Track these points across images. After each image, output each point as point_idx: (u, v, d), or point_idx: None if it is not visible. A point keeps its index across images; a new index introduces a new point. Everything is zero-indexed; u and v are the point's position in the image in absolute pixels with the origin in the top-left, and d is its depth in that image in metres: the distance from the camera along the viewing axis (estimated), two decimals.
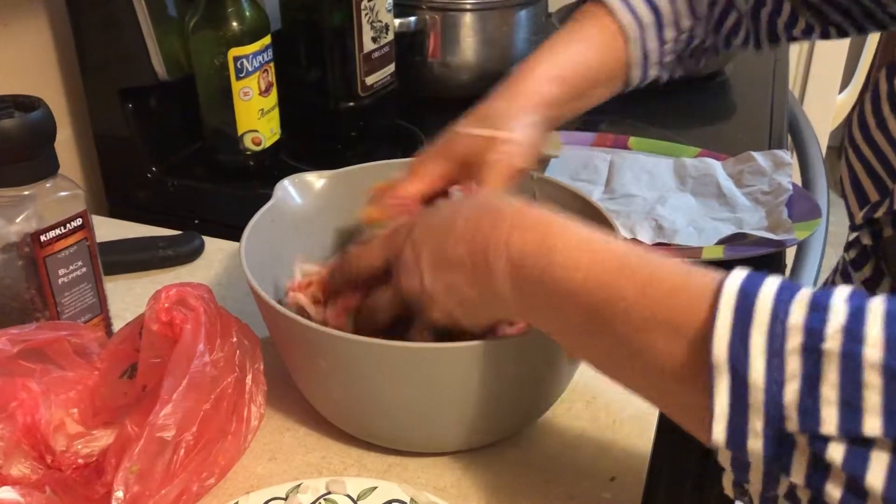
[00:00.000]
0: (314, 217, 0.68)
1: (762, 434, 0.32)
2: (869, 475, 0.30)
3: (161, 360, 0.53)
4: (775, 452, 0.33)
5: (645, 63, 0.67)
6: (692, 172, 0.96)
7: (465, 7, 1.12)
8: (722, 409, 0.33)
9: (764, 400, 0.32)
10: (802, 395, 0.31)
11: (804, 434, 0.31)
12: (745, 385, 0.32)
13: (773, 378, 0.32)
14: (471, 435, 0.56)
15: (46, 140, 0.57)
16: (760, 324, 0.33)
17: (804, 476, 0.32)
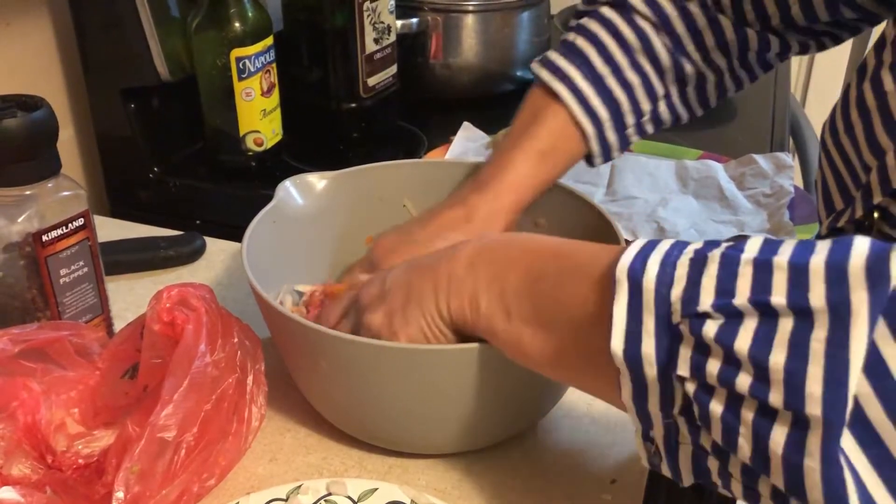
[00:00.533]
0: (316, 218, 0.68)
1: (653, 333, 0.36)
2: (737, 341, 0.33)
3: (162, 361, 0.53)
4: (665, 351, 0.36)
5: (606, 152, 0.67)
6: (694, 175, 0.96)
7: (467, 9, 1.12)
8: (620, 315, 0.37)
9: (654, 299, 0.36)
10: (686, 289, 0.35)
11: (686, 319, 0.35)
12: (639, 290, 0.37)
13: (663, 280, 0.36)
14: (472, 437, 0.56)
15: (49, 140, 0.57)
16: (660, 249, 0.38)
17: (689, 363, 0.35)
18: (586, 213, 0.64)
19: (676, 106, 0.68)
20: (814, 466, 0.32)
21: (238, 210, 0.93)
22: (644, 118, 0.67)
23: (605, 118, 0.65)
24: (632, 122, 0.67)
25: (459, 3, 1.12)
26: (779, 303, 0.33)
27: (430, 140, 1.06)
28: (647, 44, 0.64)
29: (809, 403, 0.31)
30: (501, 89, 1.17)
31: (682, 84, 0.67)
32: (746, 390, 0.33)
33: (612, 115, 0.65)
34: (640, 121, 0.67)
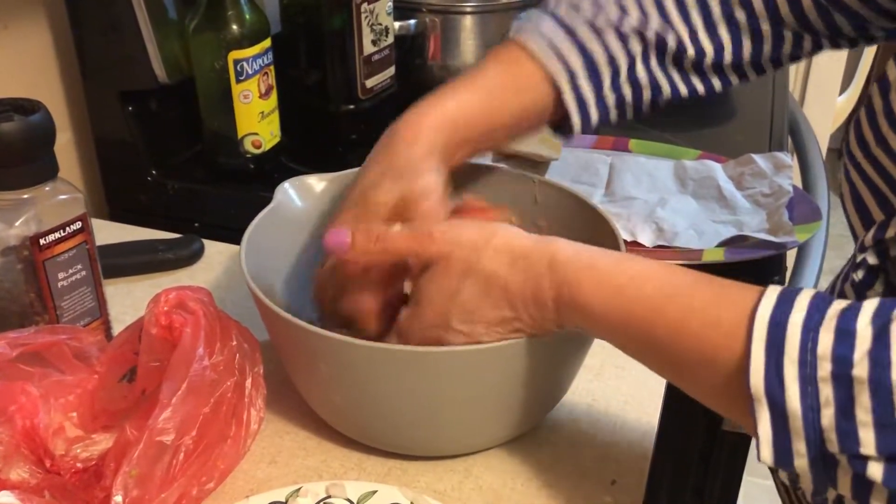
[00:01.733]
0: (315, 220, 0.68)
1: (806, 455, 0.35)
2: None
3: (160, 364, 0.53)
4: (820, 469, 0.35)
5: (584, 110, 0.62)
6: (693, 175, 0.96)
7: (465, 10, 1.11)
8: (765, 435, 0.36)
9: (803, 426, 0.35)
10: (839, 420, 0.34)
11: (845, 456, 0.34)
12: (783, 414, 0.35)
13: (808, 405, 0.35)
14: (471, 439, 0.56)
15: (46, 143, 0.57)
16: (791, 355, 0.35)
17: (850, 490, 0.35)
18: (586, 214, 0.64)
19: (654, 72, 0.63)
20: None
21: (236, 212, 0.93)
22: (621, 77, 0.62)
23: (578, 67, 0.60)
24: (608, 79, 0.61)
25: (457, 5, 1.12)
26: None
27: None
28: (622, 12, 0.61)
29: None
30: None
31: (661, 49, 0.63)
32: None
33: (586, 65, 0.60)
34: (616, 80, 0.62)
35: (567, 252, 0.48)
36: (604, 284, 0.46)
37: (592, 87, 0.61)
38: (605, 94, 0.62)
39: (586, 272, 0.47)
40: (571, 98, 0.61)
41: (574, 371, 0.59)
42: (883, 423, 0.33)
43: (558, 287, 0.47)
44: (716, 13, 0.62)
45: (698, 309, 0.41)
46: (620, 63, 0.62)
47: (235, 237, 0.66)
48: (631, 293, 0.45)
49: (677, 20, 0.62)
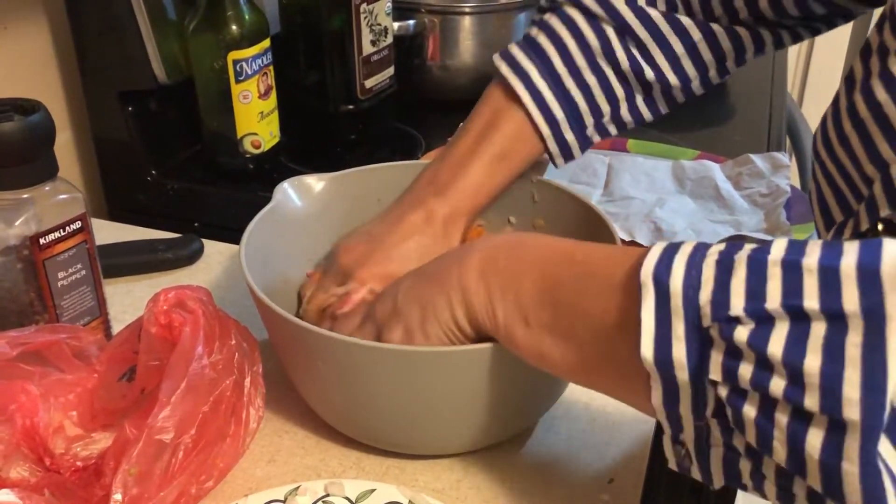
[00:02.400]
0: (314, 219, 0.68)
1: (683, 337, 0.36)
2: (770, 345, 0.34)
3: (160, 363, 0.53)
4: (696, 355, 0.36)
5: (566, 152, 0.67)
6: (690, 175, 0.96)
7: (464, 10, 1.12)
8: (648, 321, 0.37)
9: (682, 303, 0.36)
10: (714, 294, 0.35)
11: (716, 323, 0.35)
12: (666, 294, 0.37)
13: (690, 284, 0.36)
14: (469, 437, 0.56)
15: (46, 143, 0.57)
16: (683, 251, 0.38)
17: (721, 367, 0.35)
18: (584, 214, 0.64)
19: (640, 108, 0.67)
20: (852, 471, 0.32)
21: (236, 212, 0.93)
22: (604, 119, 0.67)
23: (561, 118, 0.64)
24: (590, 122, 0.66)
25: (456, 5, 1.12)
26: (811, 307, 0.33)
27: (427, 142, 1.06)
28: (608, 48, 0.64)
29: (847, 408, 0.32)
30: None
31: (647, 89, 0.66)
32: (781, 394, 0.33)
33: (569, 115, 0.65)
34: (600, 121, 0.67)
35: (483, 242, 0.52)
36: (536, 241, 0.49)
37: (575, 135, 0.66)
38: (589, 135, 0.67)
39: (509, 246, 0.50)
40: (555, 148, 0.66)
41: None
42: (753, 290, 0.34)
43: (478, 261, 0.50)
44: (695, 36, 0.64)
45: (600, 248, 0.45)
46: (604, 110, 0.66)
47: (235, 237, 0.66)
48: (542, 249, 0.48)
49: (658, 55, 0.65)
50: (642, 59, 0.64)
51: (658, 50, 0.64)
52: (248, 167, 0.94)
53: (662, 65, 0.65)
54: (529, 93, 0.64)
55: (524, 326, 0.47)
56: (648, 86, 0.66)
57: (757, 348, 0.34)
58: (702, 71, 0.66)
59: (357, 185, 0.70)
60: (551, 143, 0.65)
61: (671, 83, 0.66)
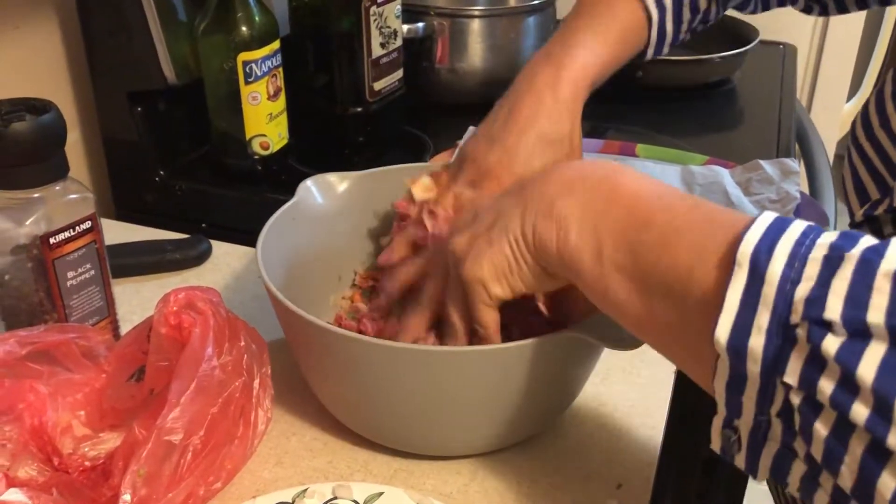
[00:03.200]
0: (335, 218, 0.68)
1: (765, 329, 0.33)
2: (861, 366, 0.30)
3: (169, 364, 0.53)
4: (774, 351, 0.33)
5: (660, 44, 0.69)
6: (699, 180, 0.96)
7: (473, 13, 1.12)
8: (732, 303, 0.34)
9: (776, 293, 0.33)
10: (813, 290, 0.32)
11: (805, 322, 0.32)
12: (760, 280, 0.33)
13: (789, 277, 0.33)
14: (481, 439, 0.56)
15: (57, 143, 0.57)
16: (790, 236, 0.34)
17: (799, 373, 0.32)
18: None
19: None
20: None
21: (244, 213, 0.94)
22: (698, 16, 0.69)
23: (668, 5, 0.67)
24: (687, 17, 0.69)
25: (466, 8, 1.12)
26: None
27: (435, 145, 1.06)
28: None
29: None
30: None
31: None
32: (862, 422, 0.31)
33: (675, 2, 0.67)
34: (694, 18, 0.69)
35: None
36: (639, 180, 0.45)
37: (672, 28, 0.68)
38: (682, 34, 0.70)
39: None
40: (655, 35, 0.68)
41: (584, 377, 0.59)
42: (855, 296, 0.31)
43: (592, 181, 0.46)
44: None
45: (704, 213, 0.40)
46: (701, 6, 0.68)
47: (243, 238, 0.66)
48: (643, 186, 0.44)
49: None
50: None
51: None
52: (257, 168, 0.94)
53: None
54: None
55: (595, 258, 0.43)
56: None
57: (845, 365, 0.31)
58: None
59: (380, 185, 0.70)
60: (653, 30, 0.67)
61: None
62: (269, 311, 0.58)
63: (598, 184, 0.44)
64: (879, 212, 0.54)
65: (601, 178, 0.44)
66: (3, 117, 0.55)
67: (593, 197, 0.44)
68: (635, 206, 0.42)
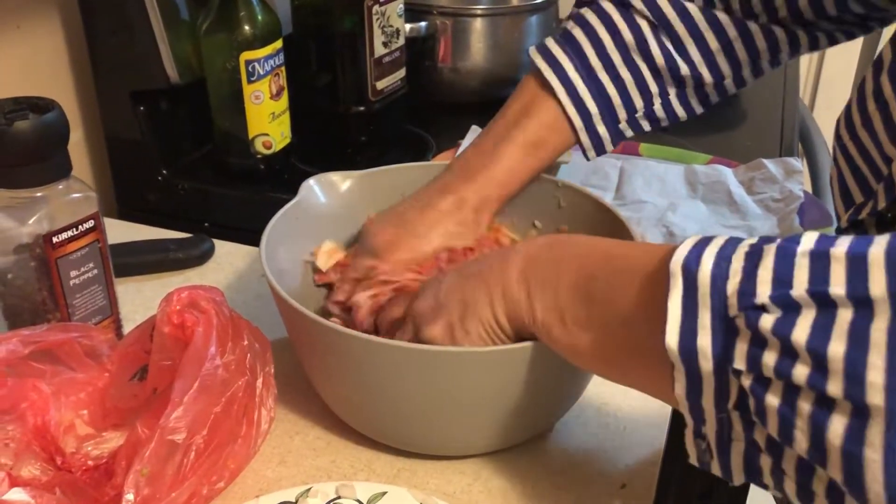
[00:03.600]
0: (338, 217, 0.68)
1: (709, 327, 0.36)
2: (795, 333, 0.33)
3: (172, 363, 0.53)
4: (721, 346, 0.36)
5: (598, 145, 0.67)
6: (703, 179, 0.96)
7: (475, 13, 1.12)
8: (675, 310, 0.37)
9: (710, 293, 0.36)
10: (742, 282, 0.35)
11: (742, 312, 0.35)
12: (694, 285, 0.37)
13: (718, 274, 0.36)
14: (484, 440, 0.56)
15: (60, 142, 0.57)
16: (714, 244, 0.38)
17: (745, 356, 0.35)
18: (608, 221, 0.64)
19: (674, 105, 0.68)
20: (875, 457, 0.31)
21: (246, 213, 0.94)
22: (637, 114, 0.67)
23: (595, 112, 0.65)
24: (623, 116, 0.67)
25: (468, 7, 1.12)
26: (837, 293, 0.32)
27: (438, 144, 1.05)
28: (643, 43, 0.64)
29: (870, 392, 0.31)
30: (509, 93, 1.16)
31: (680, 85, 0.67)
32: (804, 381, 0.33)
33: (602, 108, 0.65)
34: (633, 116, 0.67)
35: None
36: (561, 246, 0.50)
37: (607, 129, 0.67)
38: (622, 129, 0.68)
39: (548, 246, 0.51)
40: (587, 140, 0.67)
41: (587, 377, 0.59)
42: (780, 278, 0.34)
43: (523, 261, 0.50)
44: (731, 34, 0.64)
45: (637, 250, 0.45)
46: (637, 105, 0.67)
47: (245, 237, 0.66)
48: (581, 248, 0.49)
49: (693, 50, 0.65)
50: (676, 54, 0.65)
51: (693, 45, 0.64)
52: (259, 168, 0.94)
53: (697, 60, 0.65)
54: (563, 85, 0.65)
55: (561, 324, 0.47)
56: (682, 81, 0.66)
57: (781, 336, 0.33)
58: (735, 69, 0.66)
59: (382, 185, 0.70)
60: (583, 136, 0.66)
61: (704, 79, 0.66)
62: (271, 310, 0.58)
63: (548, 258, 0.49)
64: (863, 215, 0.54)
65: (549, 252, 0.50)
66: (5, 116, 0.55)
67: (545, 274, 0.49)
68: (581, 266, 0.47)
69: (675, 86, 0.67)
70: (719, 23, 0.64)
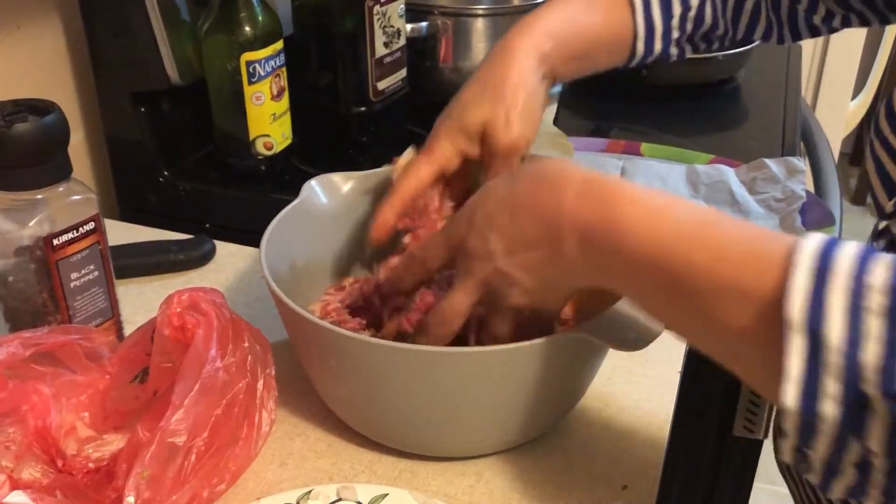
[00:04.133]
0: (339, 218, 0.68)
1: (837, 397, 0.31)
2: None
3: (172, 365, 0.53)
4: (849, 417, 0.31)
5: (650, 36, 0.67)
6: (704, 179, 0.96)
7: (476, 13, 1.11)
8: (795, 371, 0.32)
9: (842, 359, 0.31)
10: (886, 356, 0.30)
11: (886, 397, 0.30)
12: (820, 344, 0.31)
13: (851, 337, 0.31)
14: (485, 440, 0.56)
15: (60, 144, 0.57)
16: (839, 282, 0.31)
17: (882, 442, 0.31)
18: None
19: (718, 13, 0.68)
20: None
21: (247, 214, 0.94)
22: (690, 13, 0.67)
23: (658, 27, 0.66)
24: (678, 11, 0.67)
25: (469, 7, 1.11)
26: None
27: None
28: None
29: None
30: None
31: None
32: None
33: (665, 24, 0.66)
34: (685, 14, 0.67)
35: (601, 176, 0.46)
36: (644, 203, 0.43)
37: (662, 17, 0.66)
38: (672, 27, 0.67)
39: (625, 192, 0.44)
40: (642, 20, 0.65)
41: (589, 377, 0.59)
42: None
43: (589, 202, 0.44)
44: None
45: (739, 239, 0.38)
46: (693, 2, 0.66)
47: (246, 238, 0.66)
48: (670, 215, 0.41)
49: None
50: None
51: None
52: (260, 169, 0.94)
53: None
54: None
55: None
56: None
57: None
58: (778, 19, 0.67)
59: (385, 185, 0.69)
60: (639, 18, 0.66)
61: None
62: (272, 312, 0.58)
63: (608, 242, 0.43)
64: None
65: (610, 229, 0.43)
66: (5, 118, 0.55)
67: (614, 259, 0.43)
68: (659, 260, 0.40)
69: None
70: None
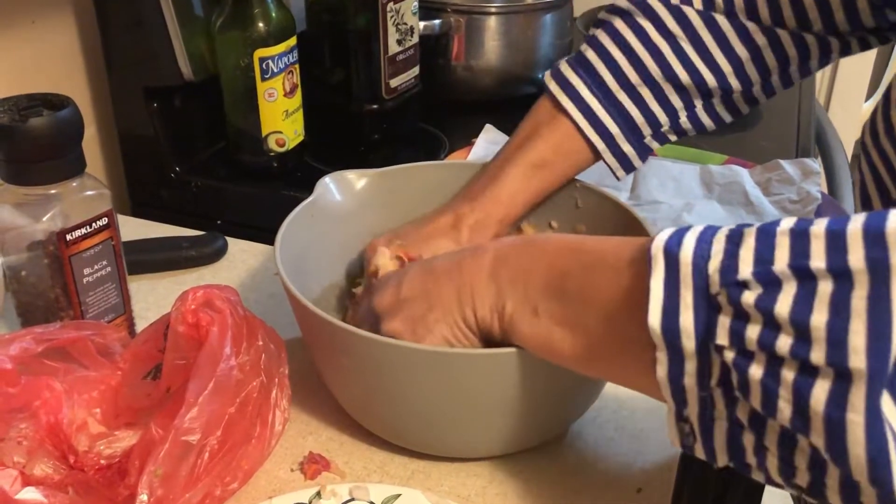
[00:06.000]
0: (353, 215, 0.68)
1: (691, 305, 0.37)
2: (778, 306, 0.34)
3: (186, 362, 0.53)
4: (704, 323, 0.36)
5: (626, 163, 0.67)
6: (719, 180, 0.95)
7: (489, 11, 1.11)
8: (657, 291, 0.38)
9: (692, 272, 0.37)
10: (724, 261, 0.36)
11: (724, 289, 0.36)
12: (676, 265, 0.37)
13: (700, 254, 0.37)
14: (499, 442, 0.56)
15: (74, 139, 0.57)
16: (694, 230, 0.38)
17: (728, 331, 0.36)
18: (625, 222, 0.63)
19: (701, 117, 0.67)
20: (857, 420, 0.32)
21: (259, 210, 0.94)
22: (663, 129, 0.67)
23: (616, 132, 0.65)
24: (648, 132, 0.67)
25: (482, 5, 1.11)
26: (818, 267, 0.33)
27: (451, 142, 1.05)
28: (661, 61, 0.64)
29: (852, 357, 0.32)
30: (523, 92, 1.17)
31: (707, 97, 0.66)
32: (787, 352, 0.34)
33: (624, 128, 0.65)
34: (658, 131, 0.67)
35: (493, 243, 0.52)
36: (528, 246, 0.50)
37: (633, 146, 0.67)
38: (647, 143, 0.67)
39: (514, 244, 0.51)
40: (613, 160, 0.67)
41: (603, 380, 0.59)
42: (761, 256, 0.35)
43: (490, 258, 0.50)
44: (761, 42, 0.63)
45: (608, 244, 0.45)
46: (662, 120, 0.66)
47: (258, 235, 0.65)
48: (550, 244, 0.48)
49: (721, 59, 0.64)
50: (703, 64, 0.64)
51: (721, 54, 0.64)
52: (272, 165, 0.94)
53: (726, 70, 0.64)
54: (578, 107, 0.65)
55: (533, 318, 0.47)
56: (709, 93, 0.65)
57: (764, 310, 0.34)
58: (765, 76, 0.65)
59: (398, 183, 0.69)
60: (608, 156, 0.66)
61: (733, 89, 0.65)
62: (285, 310, 0.58)
63: (518, 255, 0.49)
64: None
65: (519, 250, 0.49)
66: (20, 112, 0.54)
67: (515, 270, 0.49)
68: (552, 262, 0.47)
69: (702, 98, 0.66)
70: (747, 31, 0.63)
